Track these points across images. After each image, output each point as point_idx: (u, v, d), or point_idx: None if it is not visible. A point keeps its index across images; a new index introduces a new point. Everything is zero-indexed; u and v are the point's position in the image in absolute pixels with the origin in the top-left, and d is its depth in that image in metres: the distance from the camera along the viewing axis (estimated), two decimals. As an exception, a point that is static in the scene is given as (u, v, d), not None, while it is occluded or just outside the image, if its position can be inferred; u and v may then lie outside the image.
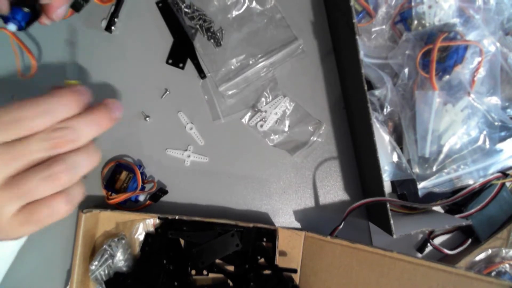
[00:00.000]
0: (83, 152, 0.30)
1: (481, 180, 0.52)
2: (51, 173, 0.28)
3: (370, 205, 0.52)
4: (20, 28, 0.31)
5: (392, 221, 0.47)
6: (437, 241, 0.58)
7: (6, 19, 0.30)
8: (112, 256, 0.51)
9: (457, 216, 0.54)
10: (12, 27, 0.30)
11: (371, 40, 0.55)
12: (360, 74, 0.47)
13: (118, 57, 0.58)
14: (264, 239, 0.55)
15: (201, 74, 0.58)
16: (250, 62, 0.58)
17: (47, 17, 0.34)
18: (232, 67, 0.58)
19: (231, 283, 0.55)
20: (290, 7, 0.59)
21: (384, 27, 0.54)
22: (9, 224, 0.29)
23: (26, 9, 0.29)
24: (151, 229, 0.55)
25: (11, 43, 0.52)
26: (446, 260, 0.57)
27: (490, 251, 0.55)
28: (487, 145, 0.51)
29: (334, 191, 0.59)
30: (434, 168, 0.52)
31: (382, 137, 0.52)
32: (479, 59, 0.49)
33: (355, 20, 0.47)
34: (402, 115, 0.53)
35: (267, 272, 0.54)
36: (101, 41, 0.58)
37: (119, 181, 0.54)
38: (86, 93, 0.31)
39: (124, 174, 0.54)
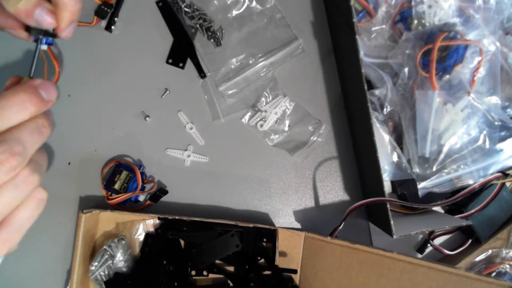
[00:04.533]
0: (26, 127, 0.27)
1: (481, 180, 0.52)
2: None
3: (370, 205, 0.52)
4: (50, 44, 0.34)
5: (392, 221, 0.47)
6: (437, 241, 0.58)
7: (35, 41, 0.33)
8: (112, 256, 0.51)
9: (457, 216, 0.54)
10: (43, 46, 0.34)
11: (371, 40, 0.55)
12: (360, 74, 0.47)
13: (118, 56, 0.58)
14: (264, 240, 0.55)
15: (201, 73, 0.58)
16: (250, 61, 0.58)
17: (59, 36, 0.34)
18: (232, 66, 0.58)
19: (231, 284, 0.55)
20: (290, 6, 0.59)
21: (384, 26, 0.54)
22: None
23: (40, 36, 0.33)
24: (151, 229, 0.55)
25: (42, 55, 0.52)
26: (446, 260, 0.57)
27: (490, 251, 0.55)
28: (487, 145, 0.51)
29: (334, 191, 0.59)
30: (434, 168, 0.52)
31: (382, 137, 0.52)
32: (479, 58, 0.49)
33: (355, 20, 0.47)
34: (402, 115, 0.53)
35: (267, 272, 0.54)
36: (101, 40, 0.58)
37: (119, 181, 0.54)
38: (47, 89, 0.28)
39: (124, 174, 0.54)
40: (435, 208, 0.58)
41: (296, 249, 0.55)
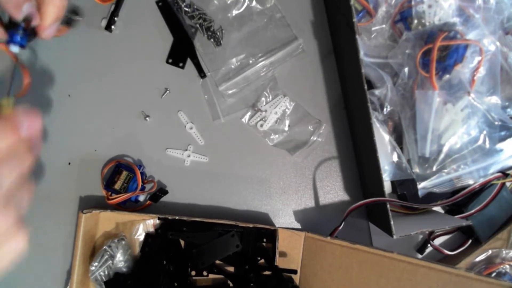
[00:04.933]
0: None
1: (481, 180, 0.52)
2: None
3: (370, 205, 0.52)
4: (22, 47, 0.32)
5: (392, 222, 0.47)
6: (437, 241, 0.58)
7: (7, 41, 0.31)
8: (112, 256, 0.51)
9: (457, 216, 0.54)
10: (15, 48, 0.31)
11: (371, 40, 0.55)
12: (360, 74, 0.47)
13: (118, 56, 0.58)
14: (264, 240, 0.55)
15: (201, 73, 0.58)
16: (250, 61, 0.58)
17: (39, 36, 0.33)
18: (232, 66, 0.58)
19: (231, 284, 0.55)
20: (290, 6, 0.59)
21: (384, 26, 0.54)
22: None
23: (21, 33, 0.30)
24: (151, 229, 0.54)
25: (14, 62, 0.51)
26: (446, 260, 0.57)
27: (490, 252, 0.55)
28: (487, 145, 0.51)
29: (334, 191, 0.59)
30: (434, 168, 0.52)
31: (382, 137, 0.52)
32: (479, 58, 0.49)
33: (355, 20, 0.47)
34: (402, 115, 0.53)
35: (267, 272, 0.54)
36: (101, 40, 0.58)
37: (119, 181, 0.54)
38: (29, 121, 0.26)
39: (124, 174, 0.54)
40: (435, 208, 0.58)
41: (296, 249, 0.55)
